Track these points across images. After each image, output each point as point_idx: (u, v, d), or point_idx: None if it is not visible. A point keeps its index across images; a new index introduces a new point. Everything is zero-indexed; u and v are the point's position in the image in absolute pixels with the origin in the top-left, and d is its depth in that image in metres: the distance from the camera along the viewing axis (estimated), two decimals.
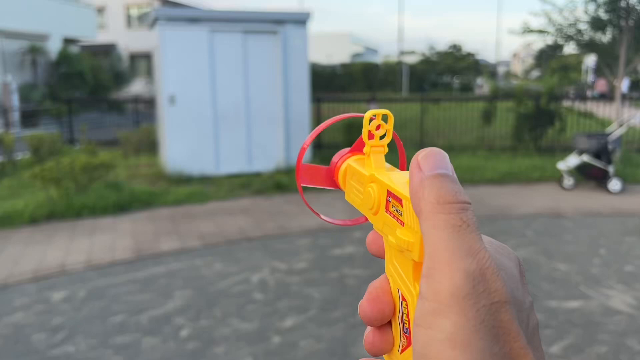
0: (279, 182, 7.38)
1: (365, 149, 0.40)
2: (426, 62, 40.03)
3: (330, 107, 11.23)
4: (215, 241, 5.10)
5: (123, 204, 6.31)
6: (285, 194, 7.08)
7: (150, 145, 10.16)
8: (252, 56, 8.13)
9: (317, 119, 10.63)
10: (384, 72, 39.22)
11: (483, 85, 35.31)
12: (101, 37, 27.30)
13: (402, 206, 0.34)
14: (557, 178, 7.53)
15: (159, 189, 7.17)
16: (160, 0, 30.43)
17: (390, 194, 0.36)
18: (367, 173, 0.39)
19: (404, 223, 0.34)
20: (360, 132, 0.41)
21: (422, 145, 10.31)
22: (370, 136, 0.40)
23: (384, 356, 0.38)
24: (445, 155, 0.33)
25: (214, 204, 6.59)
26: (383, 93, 32.25)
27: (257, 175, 8.11)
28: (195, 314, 3.55)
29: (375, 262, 4.46)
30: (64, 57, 20.57)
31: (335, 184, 0.44)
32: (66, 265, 4.45)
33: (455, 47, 40.26)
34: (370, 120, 0.39)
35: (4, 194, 7.02)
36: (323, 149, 10.46)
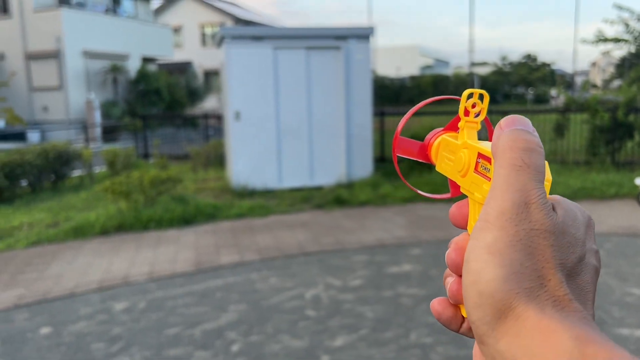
0: (339, 197, 7.36)
1: (460, 124, 0.44)
2: (499, 73, 38.95)
3: (394, 121, 11.11)
4: (273, 255, 5.15)
5: (188, 217, 6.50)
6: (345, 209, 7.05)
7: (218, 160, 10.46)
8: (314, 72, 8.21)
9: (381, 133, 10.56)
10: (454, 84, 38.50)
11: (559, 97, 33.88)
12: (177, 56, 28.57)
13: (490, 164, 0.38)
14: (635, 195, 7.05)
15: (223, 202, 7.34)
16: (232, 19, 31.50)
17: (480, 155, 0.40)
18: (459, 142, 0.44)
19: (490, 178, 0.38)
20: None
21: None
22: (466, 113, 0.44)
23: (461, 306, 0.41)
24: (525, 118, 0.37)
25: (274, 218, 6.66)
26: (453, 106, 31.61)
27: (319, 189, 8.14)
28: (247, 328, 3.57)
29: (432, 282, 4.34)
30: (142, 75, 21.66)
31: (426, 157, 0.49)
32: (129, 277, 4.63)
33: (530, 57, 38.93)
34: (468, 98, 0.43)
35: (79, 205, 7.44)
36: (387, 163, 10.37)
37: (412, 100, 37.49)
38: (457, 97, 0.46)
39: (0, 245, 5.64)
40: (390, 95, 38.08)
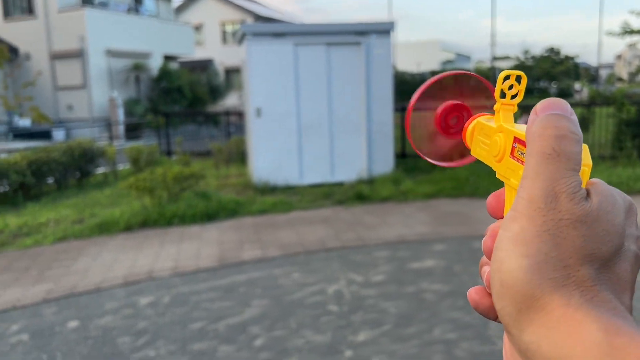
0: (360, 193, 7.35)
1: (495, 106, 0.43)
2: (521, 67, 38.37)
3: (415, 116, 11.03)
4: (295, 251, 5.16)
5: (211, 213, 6.56)
6: (366, 205, 7.04)
7: (240, 156, 10.52)
8: (335, 67, 8.20)
9: (402, 128, 10.50)
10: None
11: (582, 90, 33.28)
12: (198, 54, 28.77)
13: (526, 149, 0.37)
14: None
15: (245, 198, 7.39)
16: (253, 17, 31.60)
17: (516, 140, 0.39)
18: (495, 125, 0.42)
19: None
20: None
21: None
22: (502, 95, 0.43)
23: None
24: (563, 101, 0.36)
25: (296, 214, 6.68)
26: (474, 100, 31.29)
27: (339, 185, 8.14)
28: (270, 323, 3.60)
29: (456, 278, 4.31)
30: (164, 73, 21.87)
31: (443, 130, 0.48)
32: (154, 272, 4.69)
33: (553, 51, 38.30)
34: (504, 80, 0.42)
35: (104, 202, 7.56)
36: (408, 158, 10.32)
37: (433, 95, 37.06)
38: (474, 74, 0.46)
39: (28, 241, 5.76)
40: (411, 91, 37.53)
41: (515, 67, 38.44)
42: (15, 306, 4.06)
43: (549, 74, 36.57)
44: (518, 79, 0.42)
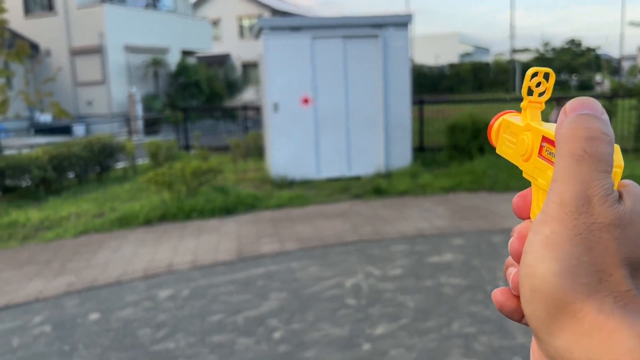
0: (377, 187, 7.33)
1: (522, 104, 0.42)
2: (541, 59, 37.86)
3: (433, 109, 10.97)
4: (312, 244, 5.17)
5: (229, 207, 6.59)
6: (384, 199, 7.01)
7: (257, 151, 10.55)
8: (352, 61, 8.16)
9: (420, 122, 10.43)
10: (494, 71, 37.69)
11: (604, 82, 32.69)
12: (216, 48, 28.87)
13: (555, 149, 0.36)
14: None
15: (262, 192, 7.41)
16: (270, 11, 31.62)
17: (545, 139, 0.38)
18: (522, 124, 0.42)
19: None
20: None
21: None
22: (529, 92, 0.42)
23: None
24: (594, 100, 0.35)
25: (313, 208, 6.69)
26: (494, 93, 30.98)
27: (357, 179, 8.12)
28: (288, 316, 3.61)
29: (475, 272, 4.27)
30: (182, 68, 21.99)
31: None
32: (173, 265, 4.73)
33: (574, 43, 37.69)
34: (532, 77, 0.41)
35: (123, 196, 7.65)
36: (426, 152, 10.25)
37: (451, 88, 36.92)
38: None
39: (50, 234, 5.85)
40: (429, 84, 37.55)
41: (535, 60, 37.93)
42: (37, 298, 4.13)
43: (569, 66, 36.03)
44: (546, 76, 0.41)
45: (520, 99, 0.43)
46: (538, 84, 0.41)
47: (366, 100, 8.31)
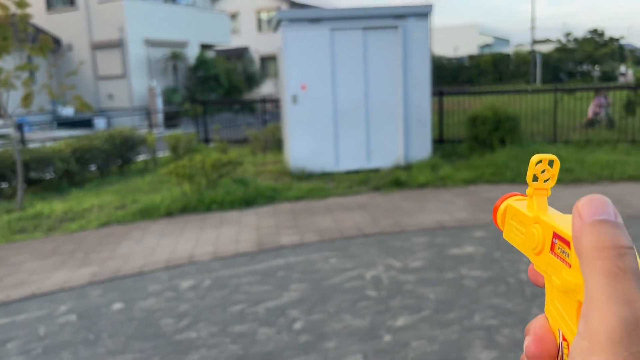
0: (397, 179, 7.29)
1: (528, 191, 0.42)
2: (562, 50, 37.26)
3: (453, 101, 10.86)
4: (332, 236, 5.17)
5: (249, 199, 6.62)
6: (403, 191, 6.98)
7: (276, 143, 10.57)
8: (372, 52, 8.12)
9: (439, 114, 10.35)
10: (515, 62, 37.17)
11: (628, 73, 32.01)
12: (234, 42, 28.93)
13: (569, 248, 0.35)
14: None
15: (282, 184, 7.43)
16: (288, 3, 31.55)
17: (556, 235, 0.37)
18: (530, 214, 0.41)
19: (570, 265, 0.35)
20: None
21: (555, 140, 9.61)
22: (535, 179, 0.42)
23: None
24: (606, 200, 0.34)
25: (332, 200, 6.68)
26: (514, 85, 30.58)
27: (376, 171, 8.10)
28: (309, 307, 3.62)
29: (496, 264, 4.24)
30: (201, 62, 22.10)
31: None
32: (194, 256, 4.78)
33: (596, 33, 36.96)
34: (537, 164, 0.41)
35: (145, 188, 7.73)
36: (446, 144, 10.17)
37: (470, 80, 36.53)
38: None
39: (73, 226, 5.94)
40: (448, 76, 37.19)
41: (557, 50, 37.31)
42: (63, 288, 4.20)
43: (591, 56, 35.38)
44: (550, 163, 0.41)
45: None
46: (543, 171, 0.41)
47: (386, 92, 8.26)
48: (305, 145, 8.14)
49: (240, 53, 29.65)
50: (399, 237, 5.08)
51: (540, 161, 0.41)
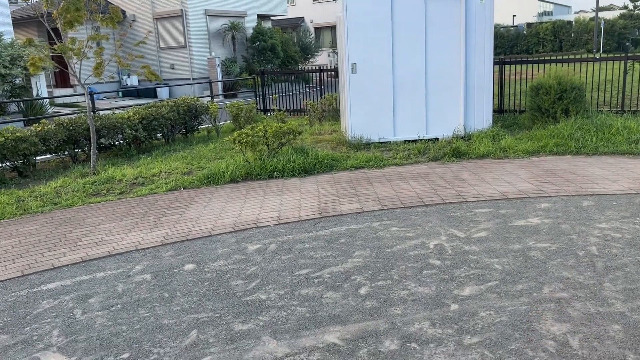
0: (457, 149, 7.18)
1: None
2: (628, 16, 35.11)
3: (513, 70, 10.48)
4: (392, 205, 5.19)
5: (308, 167, 6.71)
6: (463, 161, 6.88)
7: (333, 113, 10.58)
8: (432, 20, 7.94)
9: (500, 83, 10.05)
10: (576, 30, 35.39)
11: None
12: (290, 12, 28.83)
13: None
14: None
15: (340, 153, 7.47)
16: None
17: None
18: None
19: None
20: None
21: (622, 110, 9.17)
22: None
23: None
24: None
25: (391, 169, 6.68)
26: (575, 53, 29.15)
27: (434, 141, 8.00)
28: (373, 273, 3.68)
29: (564, 236, 4.15)
30: (258, 32, 22.18)
31: None
32: (260, 221, 4.91)
33: None
34: None
35: (209, 155, 7.95)
36: (505, 114, 9.91)
37: (528, 49, 35.09)
38: None
39: (144, 190, 6.21)
40: (505, 45, 35.85)
41: (622, 17, 35.21)
42: (137, 248, 4.43)
43: None
44: None
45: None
46: None
47: (446, 61, 8.09)
48: (363, 114, 8.12)
49: (296, 23, 29.54)
50: (460, 207, 5.04)
51: None
